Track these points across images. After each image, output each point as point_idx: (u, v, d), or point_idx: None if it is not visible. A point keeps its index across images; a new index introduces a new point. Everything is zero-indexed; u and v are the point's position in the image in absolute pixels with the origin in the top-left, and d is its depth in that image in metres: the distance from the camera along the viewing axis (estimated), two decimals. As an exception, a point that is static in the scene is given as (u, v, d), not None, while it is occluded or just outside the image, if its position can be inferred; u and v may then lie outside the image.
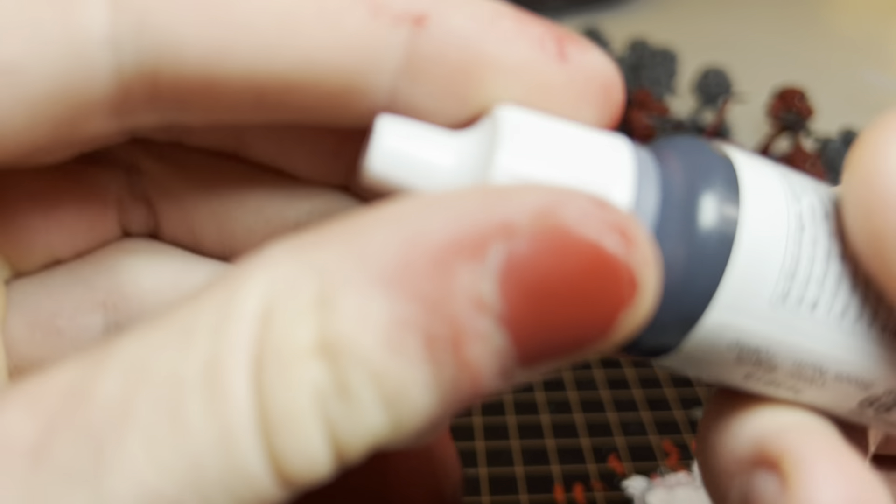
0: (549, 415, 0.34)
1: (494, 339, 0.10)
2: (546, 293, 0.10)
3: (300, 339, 0.09)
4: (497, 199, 0.10)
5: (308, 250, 0.10)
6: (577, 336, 0.10)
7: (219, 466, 0.09)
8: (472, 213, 0.10)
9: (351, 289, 0.09)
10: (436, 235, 0.10)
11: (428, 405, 0.10)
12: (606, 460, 0.31)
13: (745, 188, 0.12)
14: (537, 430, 0.33)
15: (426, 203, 0.10)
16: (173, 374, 0.09)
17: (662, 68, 0.57)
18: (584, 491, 0.30)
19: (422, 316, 0.09)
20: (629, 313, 0.10)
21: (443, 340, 0.09)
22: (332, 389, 0.09)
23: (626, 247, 0.10)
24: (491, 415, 0.34)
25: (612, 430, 0.33)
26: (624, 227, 0.10)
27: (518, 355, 0.10)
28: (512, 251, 0.10)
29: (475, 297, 0.09)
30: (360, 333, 0.09)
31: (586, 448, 0.32)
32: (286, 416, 0.09)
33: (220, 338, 0.10)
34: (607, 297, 0.10)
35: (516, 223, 0.10)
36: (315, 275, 0.10)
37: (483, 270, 0.09)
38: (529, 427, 0.33)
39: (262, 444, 0.09)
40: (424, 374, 0.10)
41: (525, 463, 0.31)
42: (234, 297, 0.10)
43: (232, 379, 0.09)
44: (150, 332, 0.10)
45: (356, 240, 0.10)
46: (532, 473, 0.31)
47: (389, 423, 0.10)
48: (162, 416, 0.09)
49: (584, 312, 0.10)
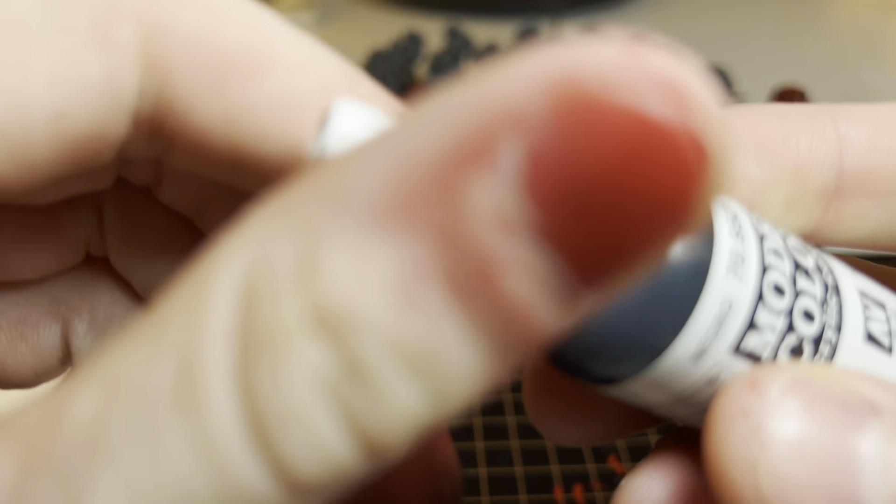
0: (548, 415, 0.34)
1: (539, 263, 0.07)
2: (589, 189, 0.07)
3: (287, 319, 0.08)
4: (494, 83, 0.08)
5: (283, 208, 0.08)
6: (643, 231, 0.07)
7: (209, 488, 0.08)
8: (468, 110, 0.07)
9: (339, 239, 0.08)
10: (430, 149, 0.07)
11: (474, 364, 0.08)
12: (606, 460, 0.31)
13: (719, 222, 0.12)
14: (537, 429, 0.33)
15: (410, 118, 0.08)
16: (145, 389, 0.08)
17: (662, 68, 0.57)
18: (583, 491, 0.30)
19: (436, 254, 0.07)
20: (703, 188, 0.07)
21: (470, 279, 0.07)
22: (340, 373, 0.08)
23: (677, 104, 0.07)
24: (491, 415, 0.34)
25: (612, 430, 0.33)
26: (670, 77, 0.07)
27: (576, 273, 0.08)
28: (530, 146, 0.07)
29: (496, 214, 0.07)
30: (362, 294, 0.07)
31: (586, 448, 0.32)
32: (285, 416, 0.08)
33: (193, 334, 0.08)
34: (668, 174, 0.07)
35: (526, 108, 0.07)
36: (296, 233, 0.08)
37: (498, 178, 0.07)
38: (529, 427, 0.33)
39: (260, 452, 0.08)
40: (459, 327, 0.08)
41: (525, 463, 0.31)
42: (206, 282, 0.08)
43: (210, 383, 0.08)
44: (121, 344, 0.09)
45: (337, 179, 0.08)
46: (532, 473, 0.31)
47: (430, 399, 0.08)
48: (136, 440, 0.08)
49: (645, 200, 0.07)
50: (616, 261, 0.08)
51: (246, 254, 0.08)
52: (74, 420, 0.08)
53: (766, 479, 0.11)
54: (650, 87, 0.07)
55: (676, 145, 0.07)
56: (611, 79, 0.07)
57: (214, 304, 0.08)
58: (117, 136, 0.13)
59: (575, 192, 0.07)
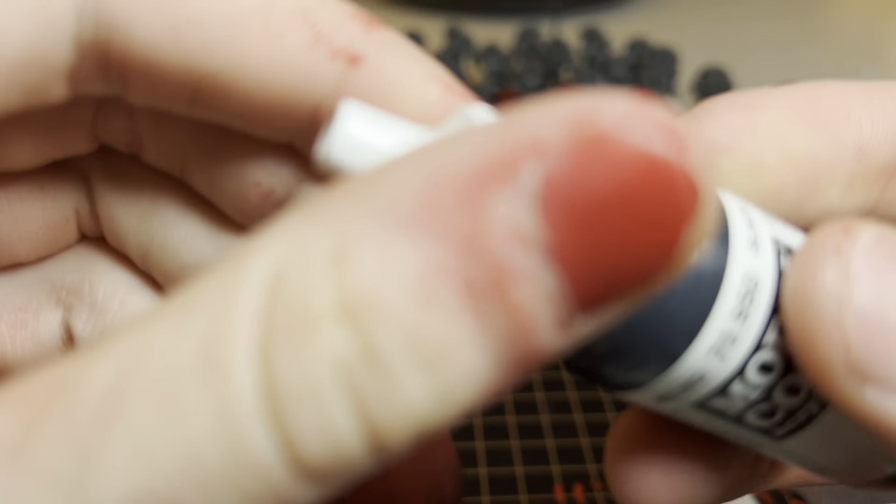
0: (549, 415, 0.34)
1: (545, 279, 0.08)
2: (595, 216, 0.08)
3: (316, 304, 0.08)
4: (522, 119, 0.09)
5: (319, 211, 0.09)
6: (639, 262, 0.08)
7: (220, 457, 0.08)
8: (496, 137, 0.08)
9: (370, 238, 0.08)
10: (460, 167, 0.08)
11: (478, 367, 0.08)
12: (606, 460, 0.31)
13: (734, 226, 0.12)
14: (537, 430, 0.33)
15: (444, 141, 0.09)
16: (168, 358, 0.08)
17: (662, 68, 0.57)
18: (584, 491, 0.30)
19: (456, 259, 0.08)
20: (692, 225, 0.09)
21: (484, 284, 0.08)
22: (357, 356, 0.08)
23: (677, 148, 0.08)
24: (491, 415, 0.34)
25: (612, 429, 0.33)
26: (672, 127, 0.09)
27: (575, 295, 0.08)
28: (549, 170, 0.08)
29: (514, 228, 0.08)
30: (386, 287, 0.08)
31: (586, 448, 0.32)
32: (301, 394, 0.08)
33: (221, 312, 0.09)
34: (666, 209, 0.08)
35: (548, 139, 0.08)
36: (329, 231, 0.09)
37: (518, 196, 0.08)
38: (529, 427, 0.33)
39: (272, 427, 0.08)
40: (469, 328, 0.08)
41: (525, 463, 0.31)
42: (239, 268, 0.09)
43: (233, 355, 0.08)
44: (148, 319, 0.09)
45: (371, 188, 0.09)
46: (532, 473, 0.31)
47: (434, 394, 0.08)
48: (154, 405, 0.08)
49: (643, 233, 0.08)
50: (609, 291, 0.09)
51: (280, 245, 0.09)
52: (91, 384, 0.09)
53: (850, 314, 0.11)
54: (655, 132, 0.08)
55: (674, 182, 0.08)
56: (623, 122, 0.08)
57: (245, 285, 0.09)
58: (60, 62, 0.13)
59: (582, 216, 0.08)
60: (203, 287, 0.09)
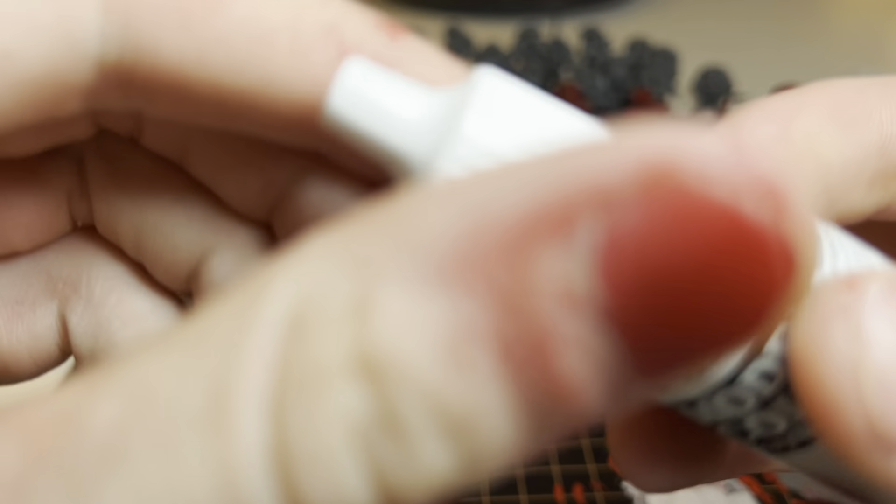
0: (549, 415, 0.34)
1: (598, 346, 0.07)
2: (666, 280, 0.07)
3: (332, 356, 0.07)
4: (587, 157, 0.07)
5: (345, 241, 0.08)
6: (713, 334, 0.07)
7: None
8: (552, 179, 0.07)
9: (398, 285, 0.07)
10: (508, 213, 0.07)
11: (510, 437, 0.07)
12: (606, 460, 0.31)
13: None
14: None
15: (491, 174, 0.08)
16: (175, 402, 0.08)
17: (662, 68, 0.57)
18: (584, 491, 0.30)
19: (493, 318, 0.07)
20: (783, 298, 0.07)
21: (524, 349, 0.07)
22: (374, 421, 0.07)
23: (774, 209, 0.07)
24: (491, 415, 0.34)
25: (612, 430, 0.33)
26: (770, 181, 0.07)
27: (636, 362, 0.07)
28: (612, 225, 0.07)
29: (564, 287, 0.07)
30: (411, 344, 0.07)
31: (586, 448, 0.32)
32: (312, 455, 0.07)
33: (233, 355, 0.08)
34: (753, 280, 0.07)
35: (614, 187, 0.07)
36: (355, 270, 0.08)
37: (572, 252, 0.07)
38: (529, 427, 0.33)
39: (278, 487, 0.08)
40: (503, 396, 0.07)
41: (525, 463, 0.31)
42: (256, 304, 0.08)
43: (241, 407, 0.08)
44: (157, 350, 0.08)
45: (404, 223, 0.08)
46: (532, 473, 0.31)
47: (460, 463, 0.08)
48: (156, 452, 0.08)
49: (722, 304, 0.07)
50: (679, 358, 0.07)
51: (300, 281, 0.08)
52: (94, 422, 0.08)
53: (868, 379, 0.10)
54: (749, 187, 0.07)
55: (766, 251, 0.07)
56: (710, 170, 0.07)
57: (259, 329, 0.08)
58: (80, 82, 0.13)
59: (651, 281, 0.07)
60: (217, 320, 0.08)
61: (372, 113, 0.12)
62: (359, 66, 0.12)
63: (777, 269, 0.07)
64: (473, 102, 0.11)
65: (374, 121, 0.12)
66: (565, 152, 0.08)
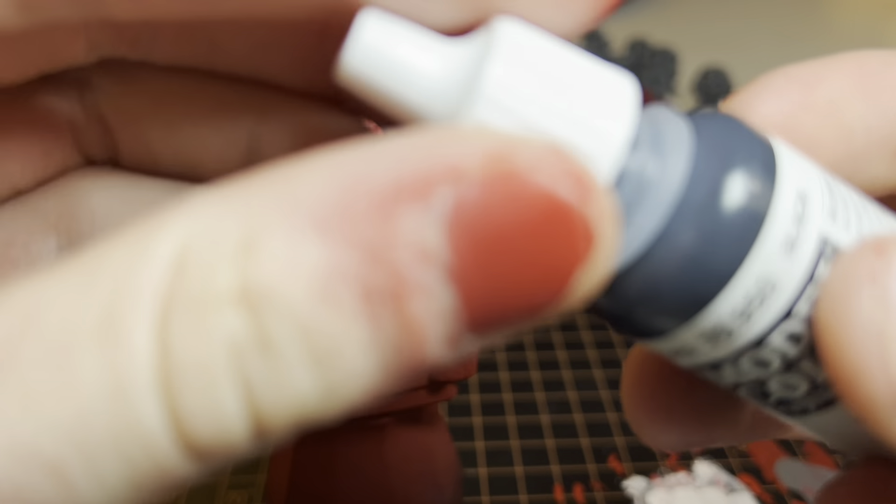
0: (548, 415, 0.34)
1: (441, 296, 0.09)
2: (497, 245, 0.09)
3: (218, 286, 0.08)
4: (445, 142, 0.09)
5: (234, 196, 0.09)
6: (529, 296, 0.09)
7: (108, 423, 0.08)
8: (417, 156, 0.09)
9: (280, 232, 0.08)
10: (377, 178, 0.09)
11: (366, 370, 0.09)
12: (606, 460, 0.31)
13: (782, 174, 0.11)
14: (537, 430, 0.33)
15: (367, 148, 0.09)
16: (68, 317, 0.09)
17: (662, 68, 0.57)
18: (584, 491, 0.30)
19: (359, 265, 0.08)
20: (585, 271, 0.09)
21: (383, 293, 0.08)
22: (251, 342, 0.08)
23: (581, 196, 0.09)
24: (491, 415, 0.34)
25: (612, 430, 0.33)
26: (580, 175, 0.09)
27: (467, 317, 0.09)
28: (460, 196, 0.09)
29: (420, 244, 0.08)
30: (288, 281, 0.08)
31: (586, 448, 0.32)
32: (193, 370, 0.08)
33: (124, 281, 0.09)
34: (561, 251, 0.09)
35: (465, 166, 0.09)
36: (240, 219, 0.09)
37: (428, 215, 0.09)
38: (529, 427, 0.33)
39: (162, 399, 0.08)
40: (362, 332, 0.08)
41: (525, 463, 0.31)
42: (147, 241, 0.09)
43: (132, 325, 0.08)
44: (51, 275, 0.09)
45: (289, 183, 0.09)
46: (532, 473, 0.31)
47: (320, 389, 0.09)
48: (47, 361, 0.08)
49: (537, 268, 0.09)
50: (499, 318, 0.09)
51: (191, 222, 0.09)
52: None
53: (894, 344, 0.10)
54: (563, 177, 0.09)
55: (572, 226, 0.09)
56: (537, 164, 0.09)
57: (152, 260, 0.09)
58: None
59: (484, 243, 0.09)
60: (111, 252, 0.09)
61: (390, 71, 0.11)
62: (374, 18, 0.11)
63: (579, 241, 0.09)
64: (494, 57, 0.11)
65: (392, 79, 0.11)
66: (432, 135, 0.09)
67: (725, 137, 0.11)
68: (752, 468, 0.31)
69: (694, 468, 0.31)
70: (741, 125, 0.12)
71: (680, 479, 0.31)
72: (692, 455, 0.32)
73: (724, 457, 0.32)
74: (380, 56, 0.11)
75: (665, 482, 0.31)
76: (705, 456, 0.32)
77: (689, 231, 0.11)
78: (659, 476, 0.31)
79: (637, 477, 0.31)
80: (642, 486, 0.31)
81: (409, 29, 0.11)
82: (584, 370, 0.36)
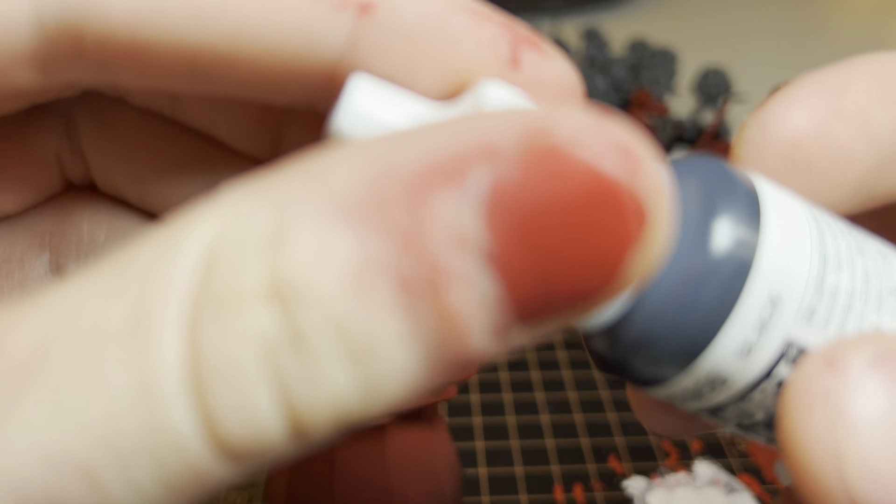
0: (549, 415, 0.34)
1: (483, 285, 0.08)
2: (540, 228, 0.08)
3: (247, 282, 0.08)
4: (479, 122, 0.08)
5: (262, 188, 0.09)
6: (578, 281, 0.08)
7: (138, 425, 0.08)
8: (449, 138, 0.08)
9: (309, 222, 0.08)
10: (409, 163, 0.08)
11: (406, 365, 0.08)
12: (606, 460, 0.31)
13: (767, 216, 0.11)
14: (537, 430, 0.33)
15: (398, 134, 0.09)
16: (97, 322, 0.08)
17: (662, 68, 0.57)
18: (583, 491, 0.30)
19: (393, 254, 0.08)
20: (638, 251, 0.08)
21: (419, 284, 0.08)
22: (282, 340, 0.08)
23: (629, 169, 0.08)
24: (491, 415, 0.34)
25: (612, 430, 0.33)
26: (627, 147, 0.08)
27: (513, 306, 0.08)
28: (497, 177, 0.08)
29: (455, 230, 0.08)
30: (319, 273, 0.08)
31: (586, 448, 0.32)
32: (224, 370, 0.08)
33: (154, 282, 0.08)
34: (610, 230, 0.08)
35: (501, 145, 0.08)
36: (270, 210, 0.08)
37: (463, 198, 0.08)
38: (529, 427, 0.33)
39: (193, 400, 0.08)
40: (399, 325, 0.08)
41: (525, 463, 0.31)
42: (176, 239, 0.09)
43: (161, 324, 0.08)
44: (82, 279, 0.09)
45: (318, 172, 0.08)
46: (532, 473, 0.31)
47: (359, 386, 0.08)
48: (78, 365, 0.08)
49: (586, 251, 0.08)
50: (548, 305, 0.08)
51: (219, 218, 0.08)
52: (14, 343, 0.08)
53: (852, 468, 0.10)
54: (609, 151, 0.08)
55: (621, 203, 0.08)
56: (578, 138, 0.08)
57: (181, 258, 0.08)
58: (19, 50, 0.11)
59: (526, 226, 0.08)
60: (139, 254, 0.09)
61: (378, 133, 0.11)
62: (364, 83, 0.11)
63: (630, 219, 0.08)
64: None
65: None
66: (460, 118, 0.09)
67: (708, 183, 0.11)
68: (752, 468, 0.31)
69: (694, 468, 0.31)
70: (722, 168, 0.12)
71: (680, 479, 0.31)
72: (692, 455, 0.32)
73: (724, 457, 0.32)
74: (367, 119, 0.11)
75: (665, 482, 0.31)
76: (705, 456, 0.32)
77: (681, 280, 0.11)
78: (659, 476, 0.31)
79: (637, 477, 0.31)
80: (642, 486, 0.31)
81: (398, 94, 0.12)
82: (584, 370, 0.36)
